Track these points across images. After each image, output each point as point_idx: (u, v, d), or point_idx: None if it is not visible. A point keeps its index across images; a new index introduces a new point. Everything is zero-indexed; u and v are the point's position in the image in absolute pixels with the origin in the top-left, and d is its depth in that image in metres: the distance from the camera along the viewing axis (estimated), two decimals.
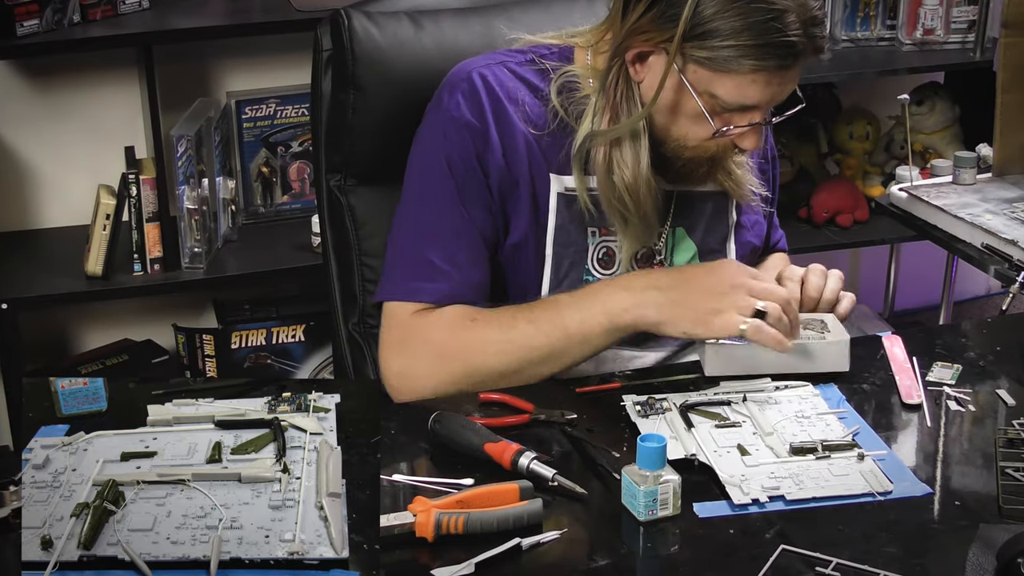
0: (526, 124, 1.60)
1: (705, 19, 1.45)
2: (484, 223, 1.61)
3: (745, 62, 1.45)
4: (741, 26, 1.44)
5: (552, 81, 1.61)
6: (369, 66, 1.77)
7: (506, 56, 1.64)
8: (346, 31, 1.76)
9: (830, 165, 3.12)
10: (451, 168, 1.59)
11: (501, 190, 1.60)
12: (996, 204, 2.15)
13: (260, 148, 2.76)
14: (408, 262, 1.62)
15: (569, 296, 1.56)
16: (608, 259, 1.64)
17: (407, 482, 1.33)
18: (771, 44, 1.44)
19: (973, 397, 1.51)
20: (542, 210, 1.61)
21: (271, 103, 2.72)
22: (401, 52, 1.77)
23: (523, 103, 1.60)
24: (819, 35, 1.48)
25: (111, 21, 2.52)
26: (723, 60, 1.46)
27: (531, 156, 1.60)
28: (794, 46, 1.45)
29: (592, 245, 1.64)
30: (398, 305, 1.61)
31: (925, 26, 2.88)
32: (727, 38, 1.44)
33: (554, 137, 1.60)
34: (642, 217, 1.58)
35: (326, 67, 1.83)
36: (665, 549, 1.25)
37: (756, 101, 1.50)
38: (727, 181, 1.67)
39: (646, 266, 1.66)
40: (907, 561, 1.21)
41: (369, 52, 1.76)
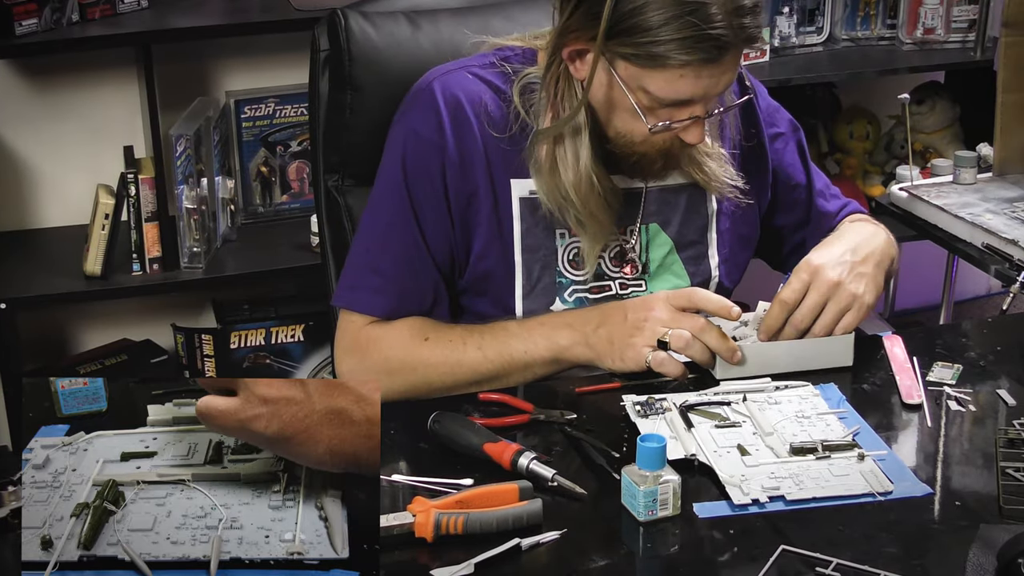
0: (489, 129, 1.59)
1: (627, 14, 1.42)
2: (438, 239, 1.61)
3: (672, 58, 1.43)
4: (662, 20, 1.41)
5: (514, 83, 1.60)
6: (366, 66, 1.76)
7: (470, 61, 1.64)
8: (343, 31, 1.76)
9: (830, 165, 3.11)
10: (408, 182, 1.60)
11: (459, 202, 1.60)
12: (996, 204, 2.15)
13: (259, 148, 2.75)
14: (360, 270, 1.64)
15: (517, 325, 1.58)
16: (579, 260, 1.64)
17: (406, 482, 1.33)
18: (694, 38, 1.41)
19: (974, 397, 1.51)
20: (505, 217, 1.61)
21: (270, 103, 2.72)
22: (398, 52, 1.77)
23: (486, 108, 1.59)
24: (749, 25, 1.43)
25: (110, 20, 2.52)
26: (649, 56, 1.44)
27: (491, 164, 1.60)
28: (719, 39, 1.42)
29: (561, 247, 1.63)
30: (351, 312, 1.63)
31: (925, 25, 2.88)
32: (650, 34, 1.42)
33: (515, 141, 1.59)
34: (590, 215, 1.57)
35: (323, 67, 1.82)
36: (665, 549, 1.25)
37: (690, 95, 1.47)
38: (698, 174, 1.64)
39: (619, 265, 1.66)
40: (907, 561, 1.21)
41: (366, 52, 1.76)
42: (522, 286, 1.63)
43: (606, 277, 1.66)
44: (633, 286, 1.67)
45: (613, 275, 1.66)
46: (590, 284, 1.65)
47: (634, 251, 1.66)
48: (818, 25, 2.89)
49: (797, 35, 2.88)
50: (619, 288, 1.66)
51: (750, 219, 1.75)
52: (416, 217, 1.60)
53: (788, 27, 2.85)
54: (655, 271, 1.68)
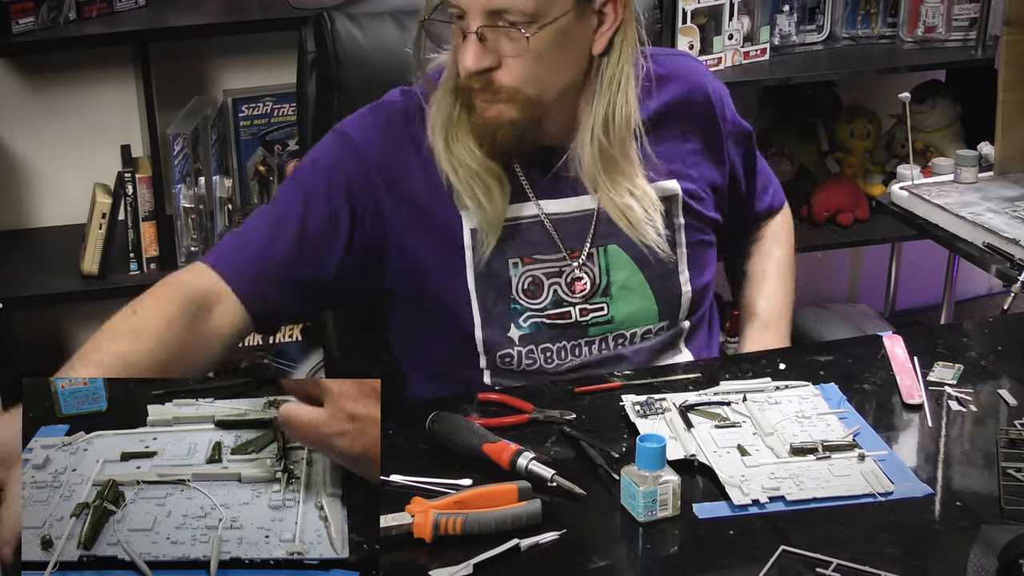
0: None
1: None
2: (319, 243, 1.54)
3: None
4: None
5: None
6: (352, 69, 1.75)
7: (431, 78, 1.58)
8: (329, 34, 1.75)
9: (831, 164, 3.11)
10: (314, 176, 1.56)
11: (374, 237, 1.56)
12: (998, 203, 2.15)
13: (257, 146, 2.75)
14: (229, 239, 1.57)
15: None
16: (536, 287, 1.59)
17: (405, 483, 1.33)
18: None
19: (974, 397, 1.51)
20: (457, 250, 1.57)
21: (268, 101, 2.72)
22: (384, 54, 1.76)
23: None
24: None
25: (107, 19, 2.52)
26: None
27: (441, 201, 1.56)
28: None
29: (515, 276, 1.59)
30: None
31: (926, 24, 2.87)
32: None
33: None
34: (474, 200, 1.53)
35: (311, 69, 1.81)
36: (664, 550, 1.25)
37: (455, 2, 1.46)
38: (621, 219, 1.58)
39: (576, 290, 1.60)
40: (908, 562, 1.21)
41: (352, 54, 1.75)
42: (480, 316, 1.58)
43: (564, 303, 1.60)
44: (594, 311, 1.62)
45: (572, 300, 1.61)
46: (548, 312, 1.59)
47: (589, 274, 1.61)
48: (818, 23, 2.89)
49: (797, 33, 2.87)
50: (579, 315, 1.61)
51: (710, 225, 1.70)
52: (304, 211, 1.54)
53: (788, 25, 2.85)
54: (617, 292, 1.62)
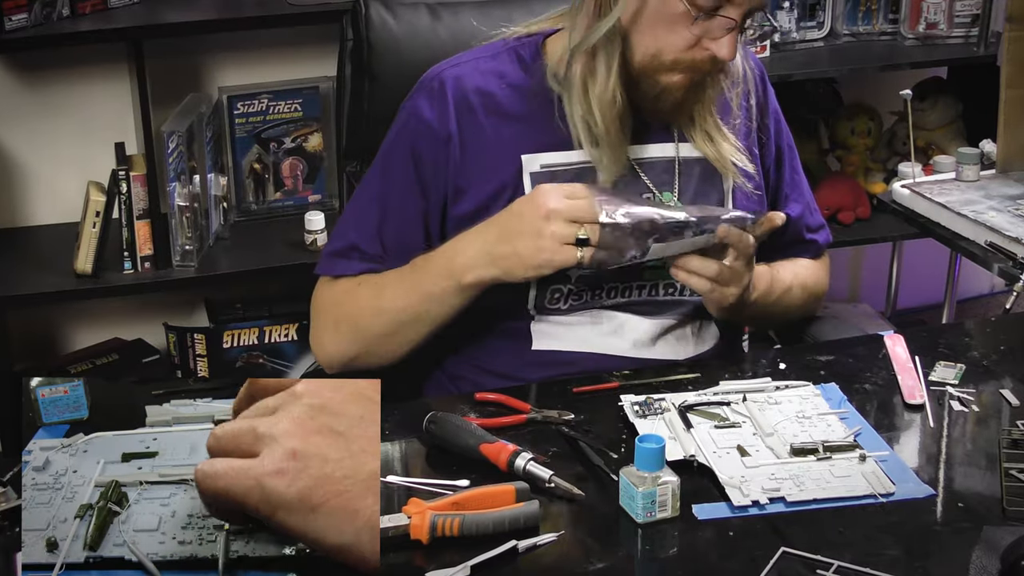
0: (497, 116, 1.60)
1: None
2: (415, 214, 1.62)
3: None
4: None
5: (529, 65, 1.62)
6: (383, 56, 1.84)
7: (481, 51, 1.66)
8: (363, 20, 1.84)
9: (831, 161, 3.11)
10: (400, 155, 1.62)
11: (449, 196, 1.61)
12: (1000, 201, 2.14)
13: (252, 144, 2.74)
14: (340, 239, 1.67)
15: (423, 259, 1.57)
16: None
17: (401, 483, 1.32)
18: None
19: (976, 397, 1.51)
20: (518, 194, 1.59)
21: (263, 98, 2.71)
22: (415, 42, 1.83)
23: (494, 96, 1.61)
24: None
25: (101, 15, 2.51)
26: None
27: (501, 148, 1.60)
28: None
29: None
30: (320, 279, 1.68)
31: (928, 20, 2.87)
32: None
33: (530, 121, 1.60)
34: (608, 138, 1.56)
35: (349, 57, 1.89)
36: (663, 551, 1.25)
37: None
38: (707, 147, 1.63)
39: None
40: (909, 564, 1.21)
41: (384, 42, 1.84)
42: None
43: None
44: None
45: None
46: None
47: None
48: (819, 20, 2.88)
49: (798, 30, 2.87)
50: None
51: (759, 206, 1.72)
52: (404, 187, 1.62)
53: (789, 22, 2.85)
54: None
